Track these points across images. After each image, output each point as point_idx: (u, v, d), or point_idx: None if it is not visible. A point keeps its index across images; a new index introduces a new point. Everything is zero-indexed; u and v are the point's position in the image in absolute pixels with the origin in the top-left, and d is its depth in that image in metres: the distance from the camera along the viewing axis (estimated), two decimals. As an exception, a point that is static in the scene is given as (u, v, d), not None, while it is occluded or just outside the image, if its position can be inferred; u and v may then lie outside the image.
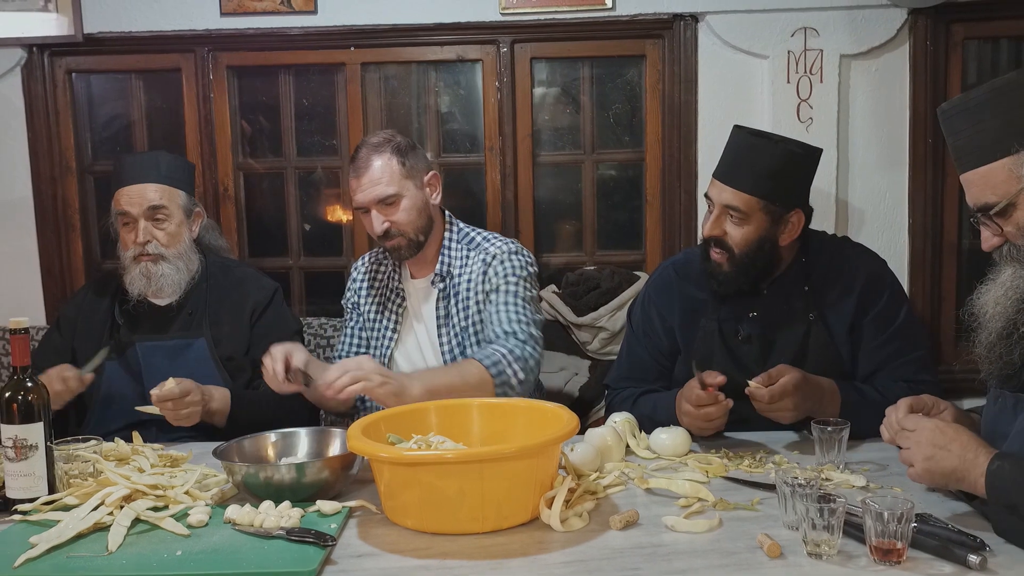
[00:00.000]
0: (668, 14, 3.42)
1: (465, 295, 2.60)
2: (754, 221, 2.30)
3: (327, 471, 1.87)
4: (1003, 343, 1.73)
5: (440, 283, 2.62)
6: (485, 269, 2.58)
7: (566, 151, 3.68)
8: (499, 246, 2.62)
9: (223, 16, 3.48)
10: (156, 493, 1.87)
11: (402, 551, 1.64)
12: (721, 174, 2.34)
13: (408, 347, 2.68)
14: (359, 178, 2.53)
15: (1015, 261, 1.72)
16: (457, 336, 2.60)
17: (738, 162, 2.32)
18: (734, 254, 2.32)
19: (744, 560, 1.55)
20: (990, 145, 1.69)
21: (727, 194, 2.31)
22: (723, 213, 2.32)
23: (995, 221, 1.71)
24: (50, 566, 1.60)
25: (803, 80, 3.39)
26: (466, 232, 2.69)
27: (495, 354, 2.38)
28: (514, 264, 2.58)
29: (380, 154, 2.53)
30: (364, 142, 2.59)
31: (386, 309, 2.70)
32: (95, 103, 3.74)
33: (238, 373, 2.67)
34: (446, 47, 3.56)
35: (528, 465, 1.72)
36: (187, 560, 1.60)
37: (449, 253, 2.64)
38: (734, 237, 2.32)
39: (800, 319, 2.35)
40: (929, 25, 3.36)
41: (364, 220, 2.60)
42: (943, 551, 1.52)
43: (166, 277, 2.63)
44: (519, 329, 2.48)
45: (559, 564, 1.57)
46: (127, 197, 2.62)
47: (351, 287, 2.82)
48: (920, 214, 3.45)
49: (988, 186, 1.70)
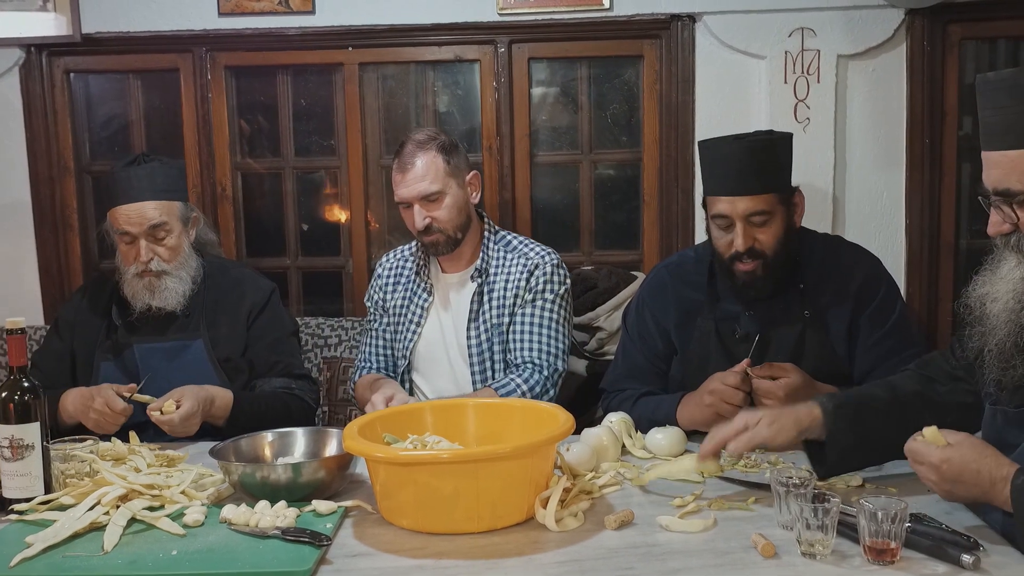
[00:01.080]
0: (665, 14, 3.42)
1: (501, 294, 2.66)
2: (777, 217, 2.30)
3: (323, 471, 1.87)
4: (1020, 354, 1.67)
5: (479, 278, 2.67)
6: (528, 276, 2.66)
7: (564, 151, 3.69)
8: (541, 255, 2.70)
9: (221, 16, 3.49)
10: (152, 493, 1.87)
11: (397, 551, 1.64)
12: (728, 188, 2.29)
13: (431, 339, 2.73)
14: (404, 173, 2.60)
15: (1021, 253, 1.66)
16: (487, 332, 2.66)
17: (741, 170, 2.29)
18: (767, 258, 2.30)
19: (738, 560, 1.56)
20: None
21: (744, 203, 2.27)
22: (746, 223, 2.29)
23: (1013, 209, 1.63)
24: (46, 566, 1.61)
25: (800, 80, 3.39)
26: (502, 235, 2.78)
27: (516, 389, 2.52)
28: (559, 278, 2.68)
29: (426, 151, 2.59)
30: (410, 138, 2.66)
31: (412, 303, 2.76)
32: (93, 103, 3.75)
33: (236, 374, 2.67)
34: (444, 47, 3.57)
35: (523, 465, 1.73)
36: (183, 560, 1.61)
37: (487, 251, 2.71)
38: (766, 242, 2.30)
39: (796, 317, 2.36)
40: (926, 25, 3.36)
41: (405, 214, 2.66)
42: (937, 551, 1.53)
43: (170, 290, 2.62)
44: (546, 363, 2.60)
45: (554, 564, 1.57)
46: (126, 217, 2.59)
47: (375, 284, 2.86)
48: (917, 214, 3.45)
49: (1015, 171, 1.61)
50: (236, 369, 2.68)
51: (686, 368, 2.44)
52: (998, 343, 1.71)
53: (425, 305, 2.75)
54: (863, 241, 3.33)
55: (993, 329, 1.72)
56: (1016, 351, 1.68)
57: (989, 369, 1.75)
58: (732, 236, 2.30)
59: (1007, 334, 1.69)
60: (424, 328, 2.74)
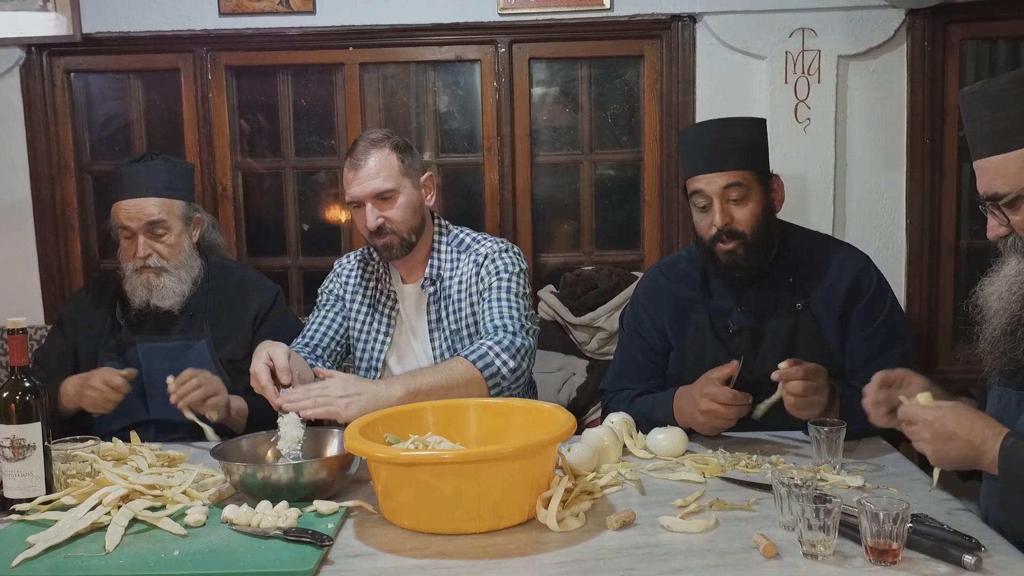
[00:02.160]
0: (666, 15, 3.42)
1: (457, 297, 2.58)
2: (754, 193, 2.33)
3: (324, 471, 1.87)
4: (1007, 339, 1.73)
5: (430, 287, 2.59)
6: (477, 270, 2.57)
7: (564, 151, 3.69)
8: (489, 246, 2.60)
9: (222, 16, 3.49)
10: (153, 493, 1.87)
11: (399, 551, 1.64)
12: (704, 167, 2.34)
13: (402, 352, 2.65)
14: (356, 170, 2.49)
15: (1019, 253, 1.72)
16: (448, 339, 2.58)
17: (714, 149, 2.34)
18: (746, 237, 2.33)
19: (740, 560, 1.56)
20: (1006, 135, 1.67)
21: (722, 178, 2.31)
22: (723, 200, 2.32)
23: (1003, 211, 1.70)
24: (48, 566, 1.60)
25: (801, 80, 3.39)
26: (455, 234, 2.66)
27: (480, 347, 2.36)
28: (504, 262, 2.56)
29: (379, 149, 2.50)
30: (362, 136, 2.56)
31: (377, 312, 2.66)
32: (94, 103, 3.75)
33: (239, 376, 2.66)
34: (444, 47, 3.57)
35: (525, 465, 1.73)
36: (184, 560, 1.61)
37: (439, 256, 2.61)
38: (743, 219, 2.33)
39: (788, 310, 2.37)
40: (927, 26, 3.37)
41: (356, 216, 2.55)
42: (938, 551, 1.53)
43: (167, 288, 2.63)
44: (509, 322, 2.45)
45: (555, 564, 1.57)
46: (126, 212, 2.61)
47: (334, 280, 2.73)
48: (917, 214, 3.45)
49: (1000, 175, 1.69)
50: (240, 371, 2.67)
51: (683, 364, 2.45)
52: (993, 332, 1.76)
53: (391, 315, 2.65)
54: (863, 241, 3.35)
55: (991, 320, 1.77)
56: (1011, 335, 1.73)
57: (989, 359, 1.79)
58: (711, 216, 2.33)
59: (1002, 322, 1.74)
60: (393, 339, 2.64)
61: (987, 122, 1.71)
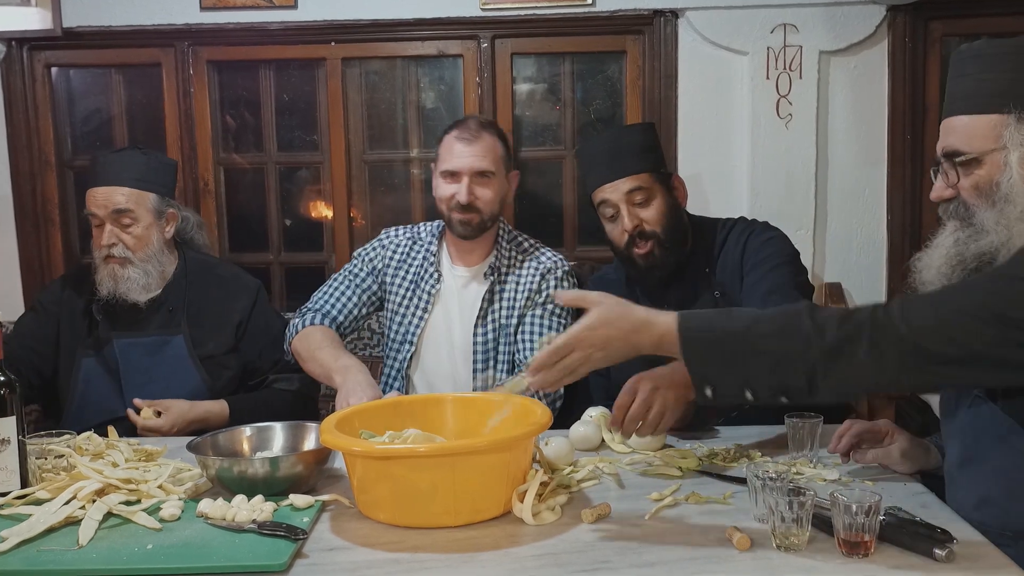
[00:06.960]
0: (648, 10, 3.43)
1: (512, 295, 2.65)
2: (657, 193, 2.44)
3: (301, 465, 1.86)
4: None
5: (491, 275, 2.65)
6: (540, 278, 2.65)
7: (547, 146, 3.69)
8: (554, 260, 2.70)
9: (203, 11, 3.48)
10: (129, 487, 1.86)
11: (374, 545, 1.64)
12: (606, 176, 2.44)
13: (436, 330, 2.67)
14: (468, 144, 2.55)
15: (958, 219, 1.70)
16: (495, 332, 2.63)
17: (612, 158, 2.44)
18: (658, 235, 2.42)
19: (714, 553, 1.56)
20: (986, 97, 1.65)
21: (624, 184, 2.42)
22: (629, 204, 2.42)
23: (957, 169, 1.68)
24: (20, 560, 1.60)
25: (782, 76, 3.40)
26: (515, 235, 2.76)
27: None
28: (568, 285, 2.67)
29: (490, 132, 2.60)
30: (473, 116, 2.68)
31: (419, 288, 2.68)
32: (75, 98, 3.73)
33: (219, 371, 2.67)
34: (427, 42, 3.57)
35: (501, 459, 1.73)
36: (157, 554, 1.60)
37: (500, 250, 2.68)
38: (651, 218, 2.42)
39: (707, 301, 2.45)
40: (907, 22, 3.38)
41: (444, 183, 2.58)
42: (910, 544, 1.53)
43: (132, 280, 2.63)
44: None
45: (530, 557, 1.57)
46: (95, 199, 2.63)
47: (378, 249, 2.74)
48: (898, 210, 3.47)
49: (967, 135, 1.66)
50: (220, 366, 2.67)
51: (620, 369, 2.46)
52: None
53: (433, 292, 2.66)
54: (845, 236, 3.37)
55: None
56: None
57: None
58: (621, 223, 2.43)
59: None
60: (430, 316, 2.65)
61: (972, 80, 1.67)
